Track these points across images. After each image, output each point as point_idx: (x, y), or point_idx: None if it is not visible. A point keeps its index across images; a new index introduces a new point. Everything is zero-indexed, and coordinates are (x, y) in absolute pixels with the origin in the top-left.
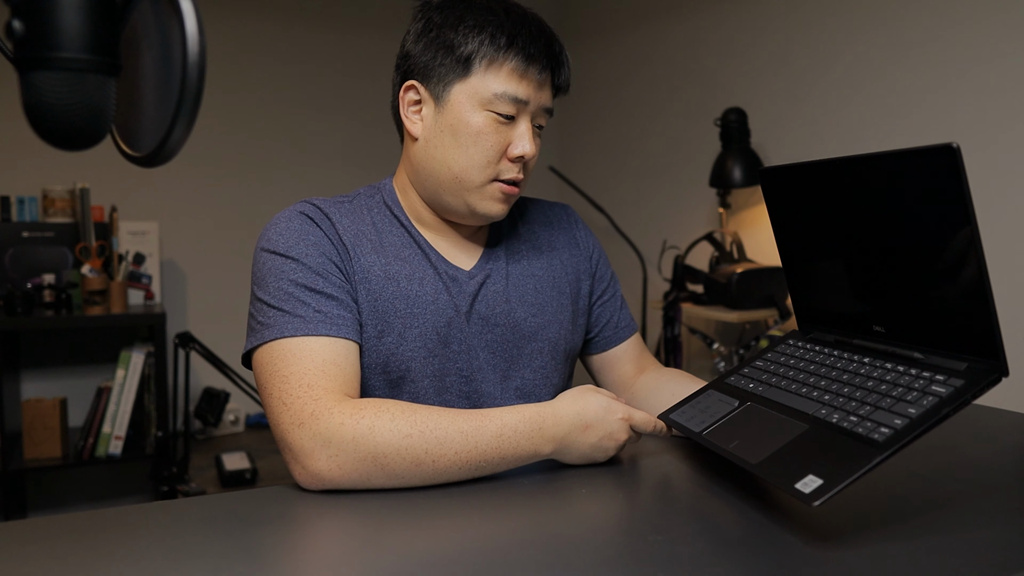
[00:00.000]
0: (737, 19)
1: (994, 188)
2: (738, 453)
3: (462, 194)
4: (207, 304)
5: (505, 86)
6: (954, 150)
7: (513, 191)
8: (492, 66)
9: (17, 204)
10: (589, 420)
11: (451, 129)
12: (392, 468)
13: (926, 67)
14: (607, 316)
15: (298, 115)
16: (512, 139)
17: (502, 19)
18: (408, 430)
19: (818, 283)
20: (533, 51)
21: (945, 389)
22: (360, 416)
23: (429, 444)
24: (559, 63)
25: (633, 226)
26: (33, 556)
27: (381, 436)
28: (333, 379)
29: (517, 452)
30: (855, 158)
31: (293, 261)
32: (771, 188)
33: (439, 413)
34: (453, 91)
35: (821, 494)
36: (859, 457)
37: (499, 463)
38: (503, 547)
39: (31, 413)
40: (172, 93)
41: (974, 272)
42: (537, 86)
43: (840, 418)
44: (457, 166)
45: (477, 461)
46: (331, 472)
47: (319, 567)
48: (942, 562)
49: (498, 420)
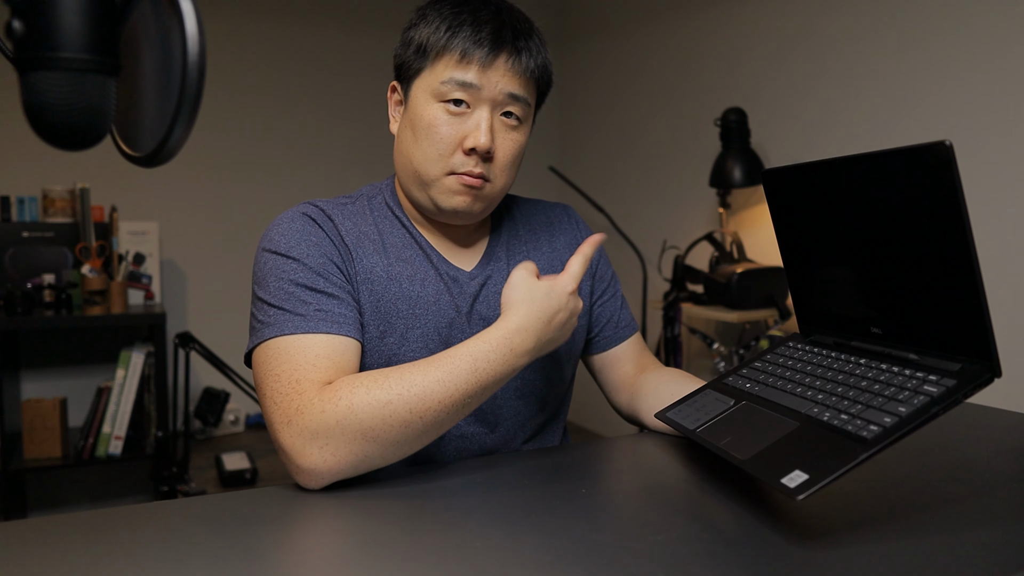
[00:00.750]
0: (737, 19)
1: (995, 186)
2: (729, 449)
3: (424, 189)
4: (207, 304)
5: (452, 72)
6: (947, 148)
7: (474, 183)
8: (440, 55)
9: (17, 204)
10: (548, 314)
11: (411, 124)
12: (383, 437)
13: (926, 67)
14: (608, 316)
15: (298, 115)
16: (467, 131)
17: (454, 9)
18: (386, 396)
19: (818, 286)
20: (478, 36)
21: (937, 389)
22: (337, 398)
23: (411, 403)
24: (516, 48)
25: (633, 226)
26: (33, 556)
27: (362, 411)
28: (323, 371)
29: (496, 377)
30: (851, 158)
31: (294, 261)
32: (773, 190)
33: (411, 369)
34: (413, 86)
35: (805, 488)
36: (846, 453)
37: (483, 393)
38: (503, 547)
39: (31, 413)
40: (172, 93)
41: (967, 273)
42: (482, 69)
43: (831, 416)
44: (415, 160)
45: (462, 401)
46: (326, 463)
47: (319, 567)
48: (942, 562)
49: (468, 357)
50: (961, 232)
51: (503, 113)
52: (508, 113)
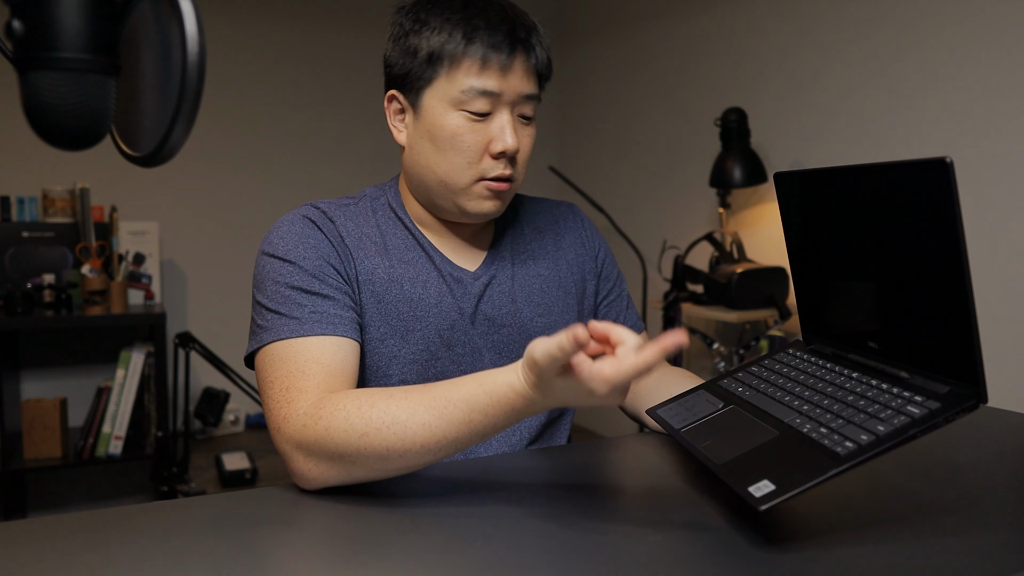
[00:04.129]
0: (737, 19)
1: (996, 185)
2: (707, 453)
3: (451, 197)
4: (207, 304)
5: (471, 81)
6: (947, 165)
7: (502, 187)
8: (455, 64)
9: (17, 204)
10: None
11: (429, 135)
12: (362, 464)
13: (925, 67)
14: (613, 316)
15: (298, 115)
16: (492, 135)
17: (460, 15)
18: (363, 428)
19: (822, 294)
20: (494, 40)
21: (919, 410)
22: (318, 418)
23: (388, 441)
24: (528, 46)
25: (633, 226)
26: (33, 556)
27: (339, 437)
28: (312, 378)
29: (493, 429)
30: (857, 167)
31: (291, 264)
32: (784, 193)
33: (398, 404)
34: (425, 96)
35: (769, 499)
36: (816, 467)
37: (476, 439)
38: (503, 547)
39: (31, 413)
40: (172, 93)
41: (960, 295)
42: (503, 74)
43: (811, 428)
44: (440, 170)
45: (450, 446)
46: (312, 472)
47: (319, 567)
48: (942, 562)
49: (464, 405)
50: (956, 254)
51: (518, 113)
52: (523, 115)
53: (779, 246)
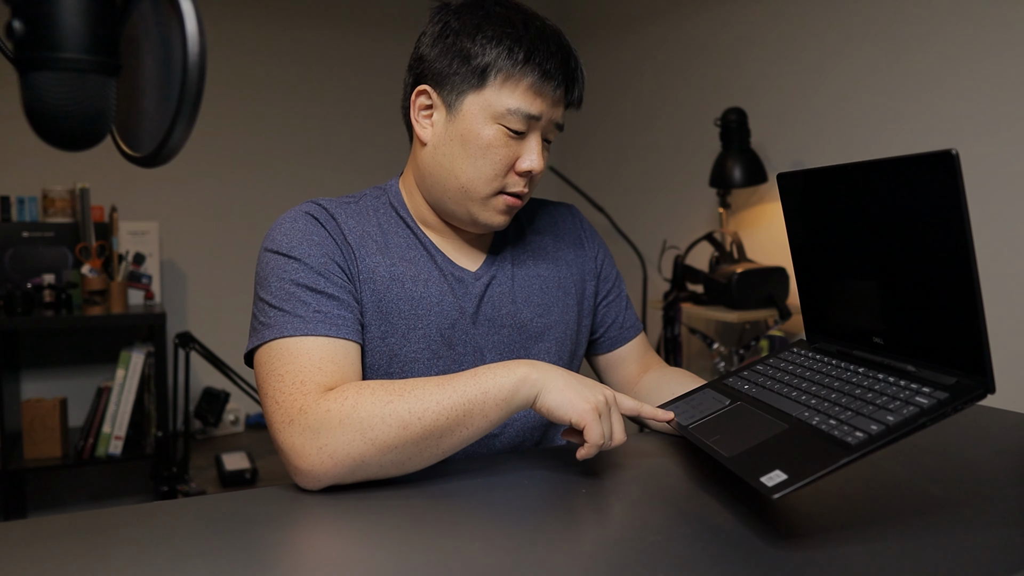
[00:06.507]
0: (737, 19)
1: (995, 185)
2: (716, 447)
3: (466, 203)
4: (207, 304)
5: (520, 103)
6: (952, 156)
7: (516, 203)
8: (508, 81)
9: (17, 204)
10: (577, 385)
11: (461, 139)
12: (382, 439)
13: (926, 67)
14: (612, 316)
15: (299, 115)
16: (521, 153)
17: (521, 32)
18: (388, 396)
19: (826, 293)
20: (550, 68)
21: (928, 401)
22: (344, 397)
23: (411, 404)
24: (574, 79)
25: (633, 226)
26: (33, 556)
27: (365, 407)
28: (329, 376)
29: (500, 417)
30: (861, 164)
31: (296, 261)
32: (787, 193)
33: (418, 380)
34: (466, 101)
35: (782, 488)
36: (827, 457)
37: (484, 421)
38: (503, 547)
39: (31, 413)
40: (172, 93)
41: (967, 287)
42: (551, 103)
43: (820, 420)
44: (464, 176)
45: (462, 410)
46: (323, 465)
47: (319, 567)
48: (942, 562)
49: (477, 389)
50: (963, 245)
51: (544, 136)
52: (547, 139)
53: (779, 246)
